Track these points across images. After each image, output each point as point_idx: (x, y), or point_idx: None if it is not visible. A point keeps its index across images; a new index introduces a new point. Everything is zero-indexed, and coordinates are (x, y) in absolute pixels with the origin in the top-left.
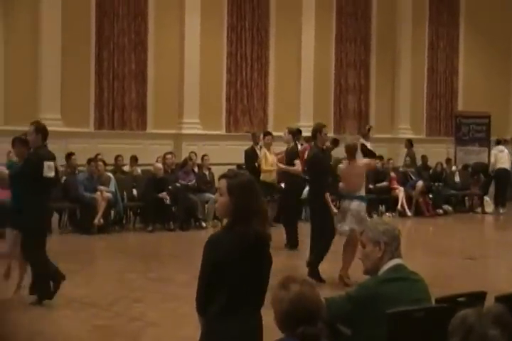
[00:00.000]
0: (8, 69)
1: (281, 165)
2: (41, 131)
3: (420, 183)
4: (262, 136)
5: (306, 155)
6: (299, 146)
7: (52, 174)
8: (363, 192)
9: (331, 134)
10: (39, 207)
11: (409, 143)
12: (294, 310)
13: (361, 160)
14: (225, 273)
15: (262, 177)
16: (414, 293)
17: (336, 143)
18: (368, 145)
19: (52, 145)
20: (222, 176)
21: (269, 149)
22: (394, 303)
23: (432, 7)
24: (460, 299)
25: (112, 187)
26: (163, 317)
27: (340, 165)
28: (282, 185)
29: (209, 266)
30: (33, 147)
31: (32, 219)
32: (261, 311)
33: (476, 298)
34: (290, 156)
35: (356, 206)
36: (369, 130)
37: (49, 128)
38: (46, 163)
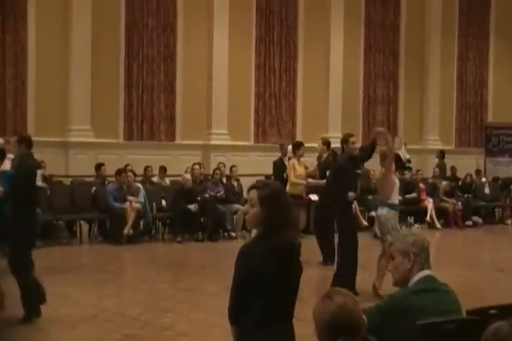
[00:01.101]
0: (39, 81)
1: (311, 180)
2: (24, 140)
3: (444, 184)
4: (290, 146)
5: None
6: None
7: (40, 183)
8: (394, 200)
9: (359, 145)
10: (29, 216)
11: (441, 154)
12: (335, 321)
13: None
14: (259, 283)
15: (289, 189)
16: (445, 304)
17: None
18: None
19: (82, 156)
20: (253, 187)
21: (299, 160)
22: (424, 315)
23: (462, 18)
24: (492, 311)
25: (142, 197)
26: (193, 327)
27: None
28: (311, 197)
29: (242, 276)
30: (17, 156)
31: (22, 230)
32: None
33: (508, 311)
34: (324, 168)
35: (384, 213)
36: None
37: (79, 139)
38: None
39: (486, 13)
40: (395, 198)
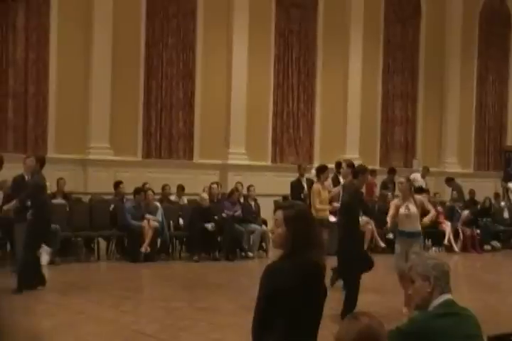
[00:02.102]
0: (60, 99)
1: (336, 205)
2: (40, 160)
3: (466, 213)
4: (313, 171)
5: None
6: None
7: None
8: (402, 228)
9: (376, 166)
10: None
11: (448, 179)
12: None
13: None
14: (284, 303)
15: (315, 214)
16: (466, 328)
17: (392, 172)
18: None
19: (101, 174)
20: (279, 207)
21: (323, 184)
22: (445, 339)
23: (481, 40)
24: None
25: (159, 216)
26: None
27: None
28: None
29: (267, 293)
30: (30, 172)
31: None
32: None
33: None
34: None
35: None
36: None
37: (98, 157)
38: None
39: (506, 34)
40: (403, 225)
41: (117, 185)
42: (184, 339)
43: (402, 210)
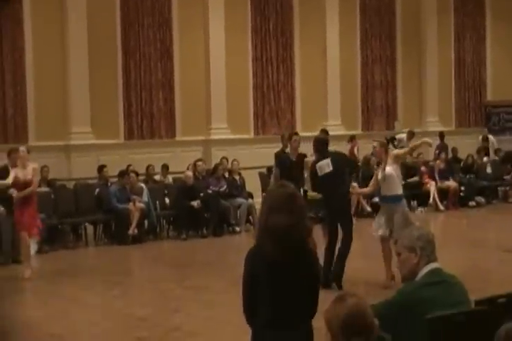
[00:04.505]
0: (38, 86)
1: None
2: None
3: (437, 161)
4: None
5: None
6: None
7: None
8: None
9: (359, 132)
10: None
11: (441, 135)
12: (350, 321)
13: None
14: (259, 288)
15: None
16: (454, 295)
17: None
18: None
19: (83, 158)
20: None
21: None
22: (433, 307)
23: None
24: (500, 300)
25: (145, 197)
26: (202, 326)
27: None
28: None
29: (245, 280)
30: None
31: None
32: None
33: None
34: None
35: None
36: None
37: (80, 142)
38: None
39: None
40: (382, 190)
41: (101, 169)
42: (176, 320)
43: (378, 175)
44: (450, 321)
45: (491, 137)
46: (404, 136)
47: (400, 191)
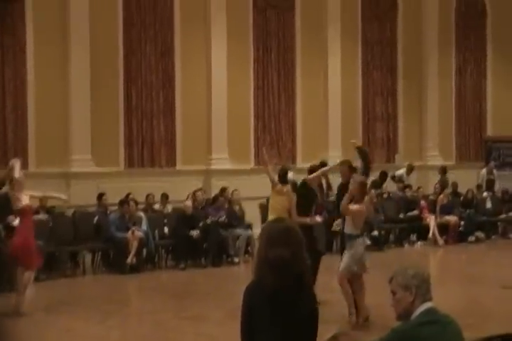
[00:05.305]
0: (39, 112)
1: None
2: None
3: (441, 196)
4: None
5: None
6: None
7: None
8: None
9: (359, 164)
10: None
11: (443, 169)
12: None
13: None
14: (260, 320)
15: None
16: (448, 336)
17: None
18: None
19: (83, 186)
20: None
21: None
22: None
23: (458, 32)
24: None
25: (144, 226)
26: None
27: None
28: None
29: (243, 313)
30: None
31: None
32: None
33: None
34: None
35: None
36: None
37: (80, 170)
38: None
39: (482, 25)
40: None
41: (100, 197)
42: None
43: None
44: None
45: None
46: (403, 170)
47: (351, 230)
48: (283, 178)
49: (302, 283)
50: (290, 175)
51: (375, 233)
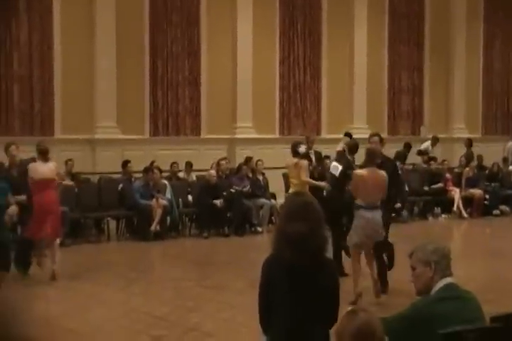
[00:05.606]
0: (65, 80)
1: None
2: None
3: (467, 169)
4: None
5: None
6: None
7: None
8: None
9: (384, 135)
10: None
11: (469, 142)
12: (360, 335)
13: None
14: (279, 294)
15: None
16: (468, 312)
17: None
18: None
19: (108, 153)
20: None
21: None
22: (447, 323)
23: (487, 5)
24: None
25: (168, 194)
26: (219, 327)
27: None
28: None
29: (261, 284)
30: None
31: None
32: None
33: None
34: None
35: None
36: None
37: (105, 136)
38: None
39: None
40: None
41: (125, 164)
42: (194, 320)
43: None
44: (463, 337)
45: None
46: (428, 143)
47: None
48: (294, 151)
49: (320, 258)
50: (302, 148)
51: (398, 205)
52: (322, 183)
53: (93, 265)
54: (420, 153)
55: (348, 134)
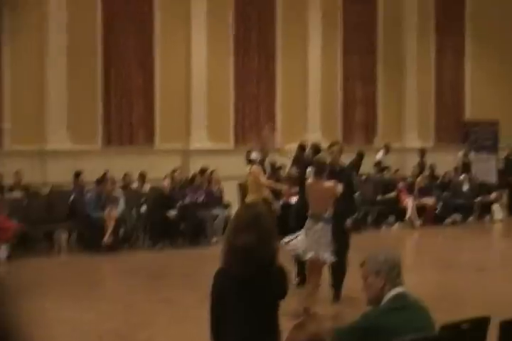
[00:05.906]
0: (15, 88)
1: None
2: None
3: (419, 178)
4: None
5: None
6: None
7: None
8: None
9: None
10: None
11: (422, 152)
12: None
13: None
14: (228, 307)
15: None
16: (418, 321)
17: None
18: None
19: (60, 164)
20: None
21: None
22: (397, 333)
23: (438, 16)
24: (464, 326)
25: (121, 205)
26: None
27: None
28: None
29: (213, 300)
30: None
31: None
32: None
33: (480, 324)
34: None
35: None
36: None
37: (57, 147)
38: None
39: (461, 9)
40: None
41: (77, 175)
42: (143, 335)
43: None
44: None
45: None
46: (382, 153)
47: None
48: (247, 159)
49: (269, 269)
50: (254, 155)
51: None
52: (283, 185)
53: (42, 280)
54: (377, 164)
55: (301, 146)
